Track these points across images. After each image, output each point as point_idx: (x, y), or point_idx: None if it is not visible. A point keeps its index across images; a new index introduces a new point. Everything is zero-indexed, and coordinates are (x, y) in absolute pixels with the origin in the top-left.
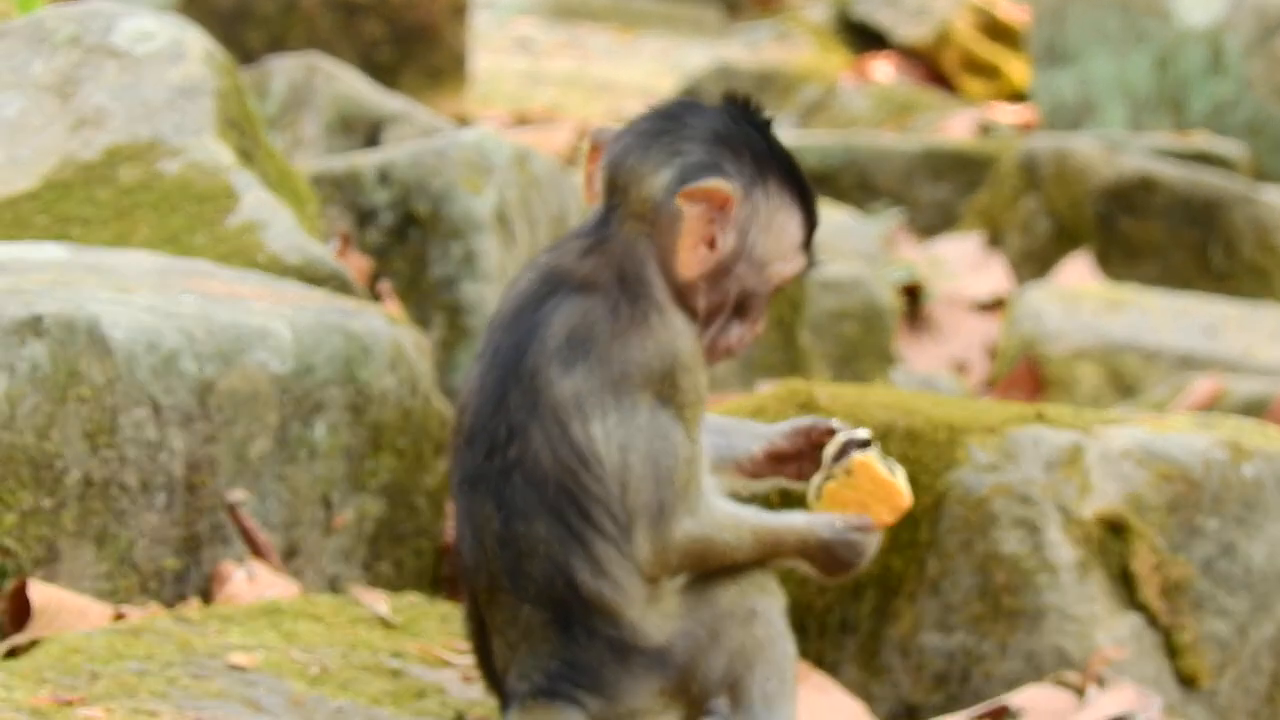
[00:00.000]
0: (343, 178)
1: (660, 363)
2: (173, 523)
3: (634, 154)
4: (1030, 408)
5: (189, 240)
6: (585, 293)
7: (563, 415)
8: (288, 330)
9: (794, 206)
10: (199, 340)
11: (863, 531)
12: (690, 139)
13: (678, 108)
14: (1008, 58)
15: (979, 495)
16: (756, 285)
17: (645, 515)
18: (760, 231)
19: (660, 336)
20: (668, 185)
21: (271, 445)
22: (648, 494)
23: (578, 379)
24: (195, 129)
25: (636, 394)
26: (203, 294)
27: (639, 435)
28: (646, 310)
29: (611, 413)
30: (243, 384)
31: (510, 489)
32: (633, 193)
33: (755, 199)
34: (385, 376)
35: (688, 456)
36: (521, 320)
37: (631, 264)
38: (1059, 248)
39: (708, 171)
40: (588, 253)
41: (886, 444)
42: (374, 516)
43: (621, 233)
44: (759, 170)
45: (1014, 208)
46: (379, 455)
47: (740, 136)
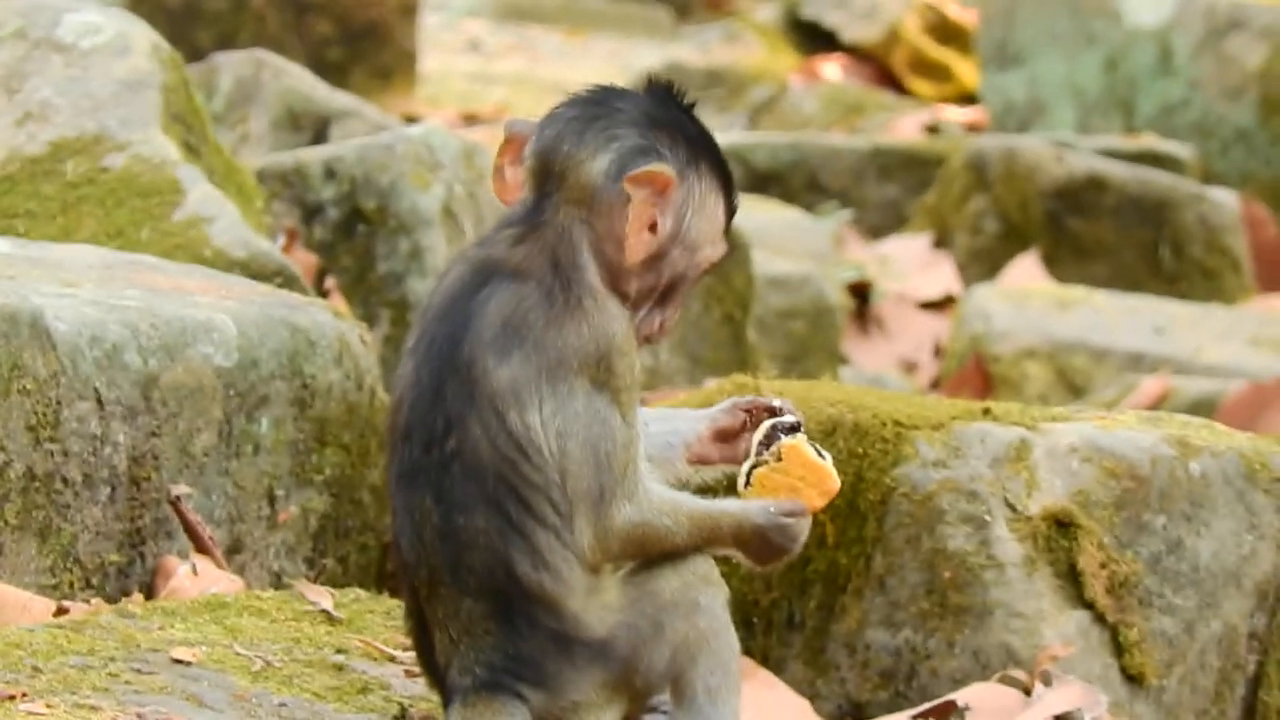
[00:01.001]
0: (289, 173)
1: (596, 348)
2: (116, 517)
3: (568, 140)
4: (977, 404)
5: (134, 234)
6: (518, 280)
7: (500, 405)
8: (232, 324)
9: (720, 190)
10: (143, 334)
11: (795, 516)
12: (624, 123)
13: (604, 94)
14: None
15: (926, 491)
16: (687, 269)
17: (585, 502)
18: (694, 215)
19: (595, 321)
20: (607, 170)
21: (216, 439)
22: (587, 480)
23: (514, 367)
24: (141, 123)
25: (572, 380)
26: (147, 288)
27: (576, 422)
28: (581, 295)
29: (548, 400)
30: (187, 378)
31: (449, 482)
32: (570, 178)
33: (690, 182)
34: (331, 371)
35: (625, 441)
36: (455, 311)
37: (566, 250)
38: (1008, 248)
39: (646, 155)
40: (519, 241)
41: (833, 439)
42: (319, 511)
43: (556, 219)
44: (691, 153)
45: (963, 208)
46: (324, 450)
47: (671, 120)
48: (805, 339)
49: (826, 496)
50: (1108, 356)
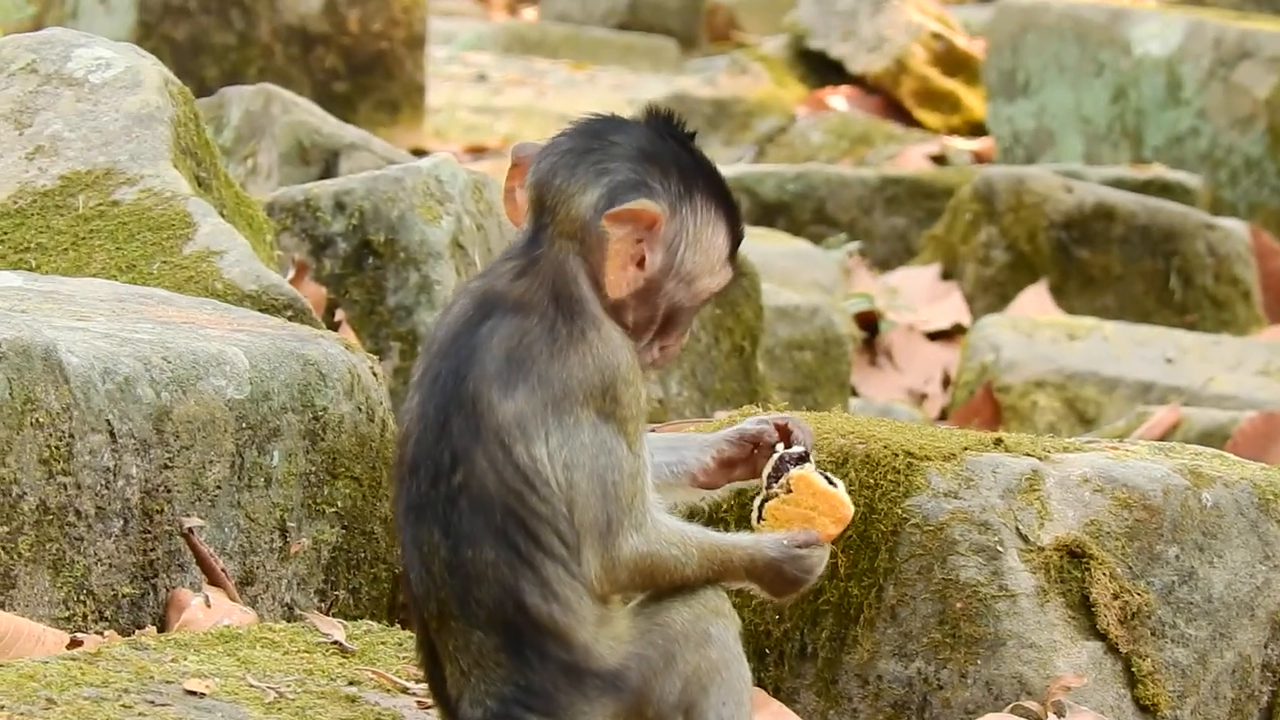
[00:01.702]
0: (299, 206)
1: (600, 378)
2: (129, 549)
3: (561, 173)
4: (989, 434)
5: (145, 268)
6: (521, 313)
7: (506, 438)
8: (244, 357)
9: (720, 221)
10: (155, 367)
11: (809, 546)
12: (617, 157)
13: (602, 125)
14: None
15: (938, 522)
16: (685, 300)
17: (593, 533)
18: (688, 248)
19: (599, 352)
20: (595, 204)
21: (228, 472)
22: (594, 511)
23: (519, 401)
24: (151, 157)
25: (578, 411)
26: (159, 321)
27: (583, 453)
28: (584, 327)
29: (554, 433)
30: (199, 410)
31: (456, 515)
32: (561, 212)
33: (683, 216)
34: (342, 403)
35: (632, 471)
36: (459, 345)
37: (564, 282)
38: (1016, 278)
39: (635, 190)
40: (520, 274)
41: (844, 470)
42: (330, 543)
43: (552, 252)
44: (685, 186)
45: (971, 238)
46: (335, 482)
47: (666, 153)
48: (814, 370)
49: (841, 524)
50: (1118, 387)
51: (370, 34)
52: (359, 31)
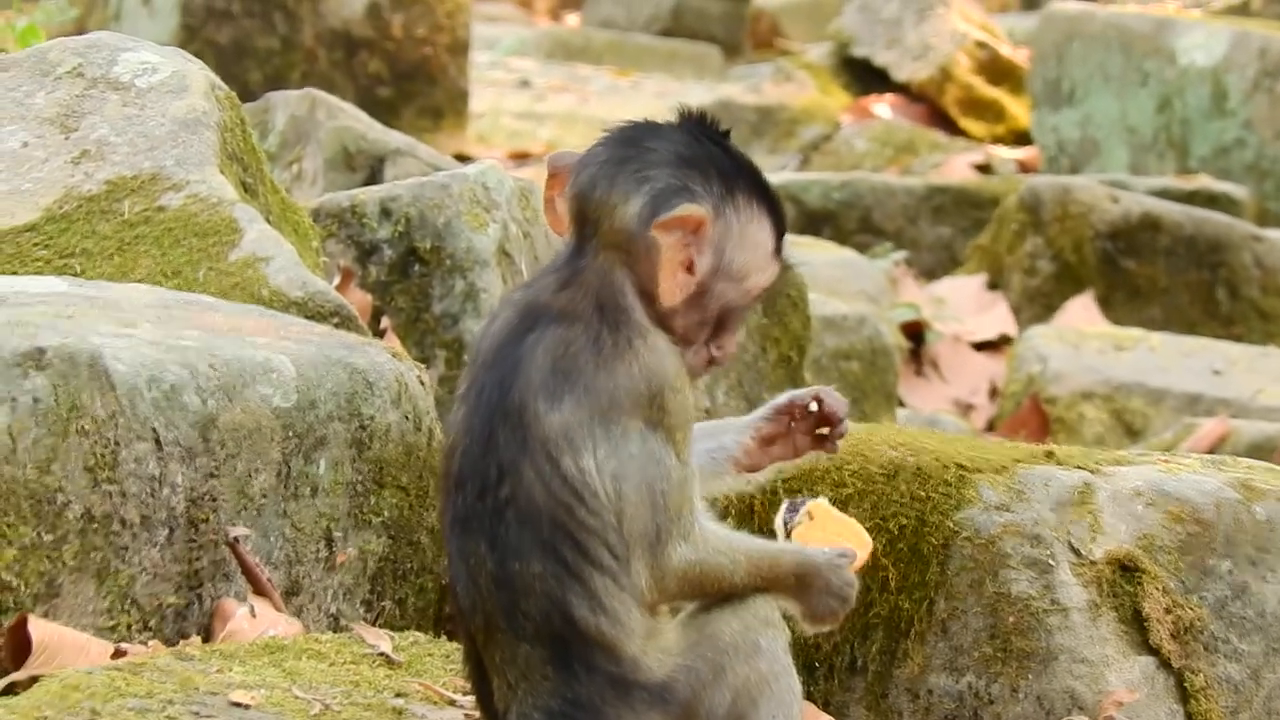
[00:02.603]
0: (345, 212)
1: (648, 387)
2: (174, 559)
3: (601, 184)
4: (1040, 447)
5: (191, 274)
6: (566, 324)
7: (553, 450)
8: (290, 365)
9: (764, 216)
10: (201, 374)
11: (848, 559)
12: (655, 164)
13: (637, 132)
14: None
15: (989, 535)
16: (736, 299)
17: (642, 543)
18: (735, 247)
19: (646, 360)
20: (639, 214)
21: (274, 481)
22: (643, 522)
23: (566, 412)
24: (198, 162)
25: (626, 421)
26: (205, 328)
27: (631, 464)
28: (630, 336)
29: (602, 444)
30: (245, 419)
31: (503, 528)
32: (605, 224)
33: (726, 216)
34: (388, 412)
35: (680, 480)
36: (503, 357)
37: (609, 293)
38: (1062, 289)
39: (678, 196)
40: (563, 285)
41: (895, 483)
42: (377, 553)
43: (596, 264)
44: (726, 186)
45: (1017, 248)
46: (382, 491)
47: (703, 154)
48: (861, 380)
49: (865, 549)
50: (1165, 398)
51: (414, 39)
52: (402, 37)
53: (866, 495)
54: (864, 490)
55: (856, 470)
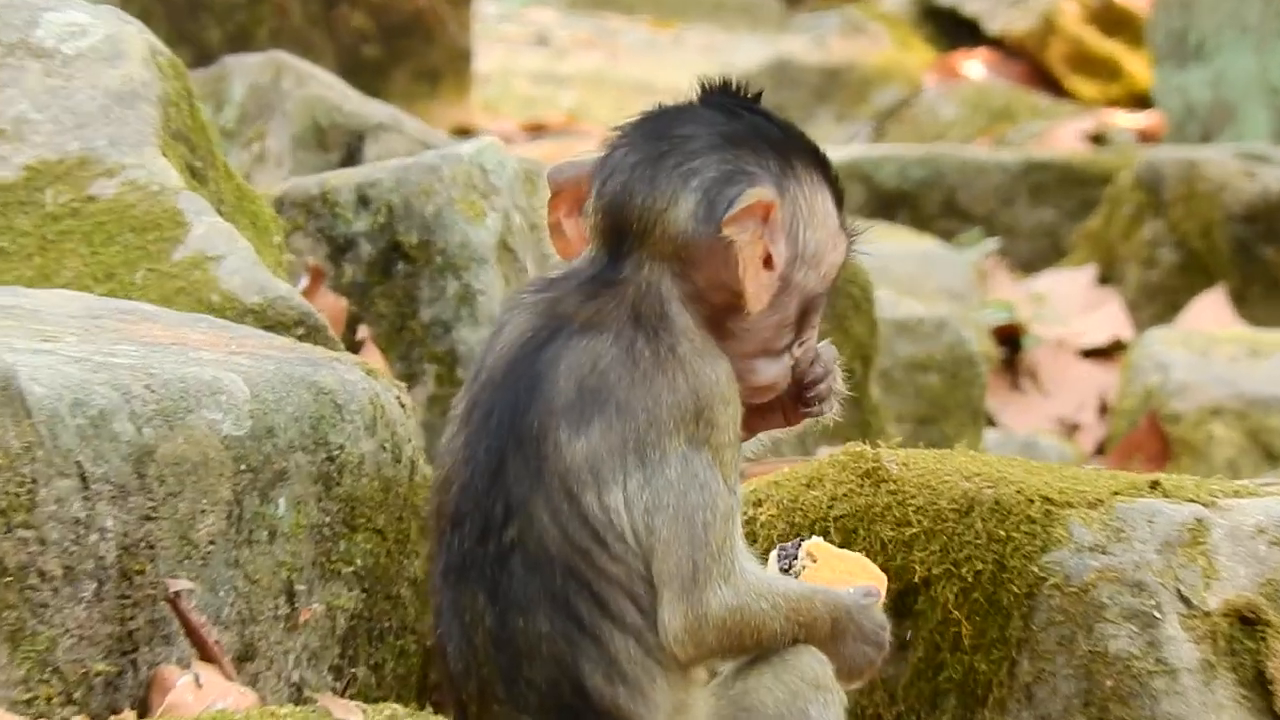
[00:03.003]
0: (314, 200)
1: (695, 399)
2: (103, 618)
3: (639, 190)
4: (1144, 476)
5: (127, 277)
6: (592, 334)
7: (574, 485)
8: (244, 385)
9: (822, 184)
10: (136, 397)
11: (873, 598)
12: (697, 152)
13: (660, 122)
14: (1126, 53)
15: (1082, 582)
16: (816, 286)
17: (675, 583)
18: (807, 226)
19: (692, 368)
20: (694, 213)
21: (223, 524)
22: (679, 559)
23: (593, 438)
24: (135, 142)
25: (666, 443)
26: (142, 342)
27: (669, 492)
28: (671, 343)
29: (635, 474)
30: (189, 450)
31: (507, 577)
32: (654, 233)
33: (791, 193)
34: (362, 441)
35: (726, 511)
36: (516, 374)
37: (651, 304)
38: (1188, 283)
39: (732, 183)
40: (592, 297)
41: (968, 520)
42: (348, 610)
43: (639, 276)
44: (782, 159)
45: (1133, 235)
46: (354, 536)
47: (747, 128)
48: (941, 396)
49: (882, 585)
50: None
51: None
52: None
53: (935, 535)
54: (932, 529)
55: (922, 506)
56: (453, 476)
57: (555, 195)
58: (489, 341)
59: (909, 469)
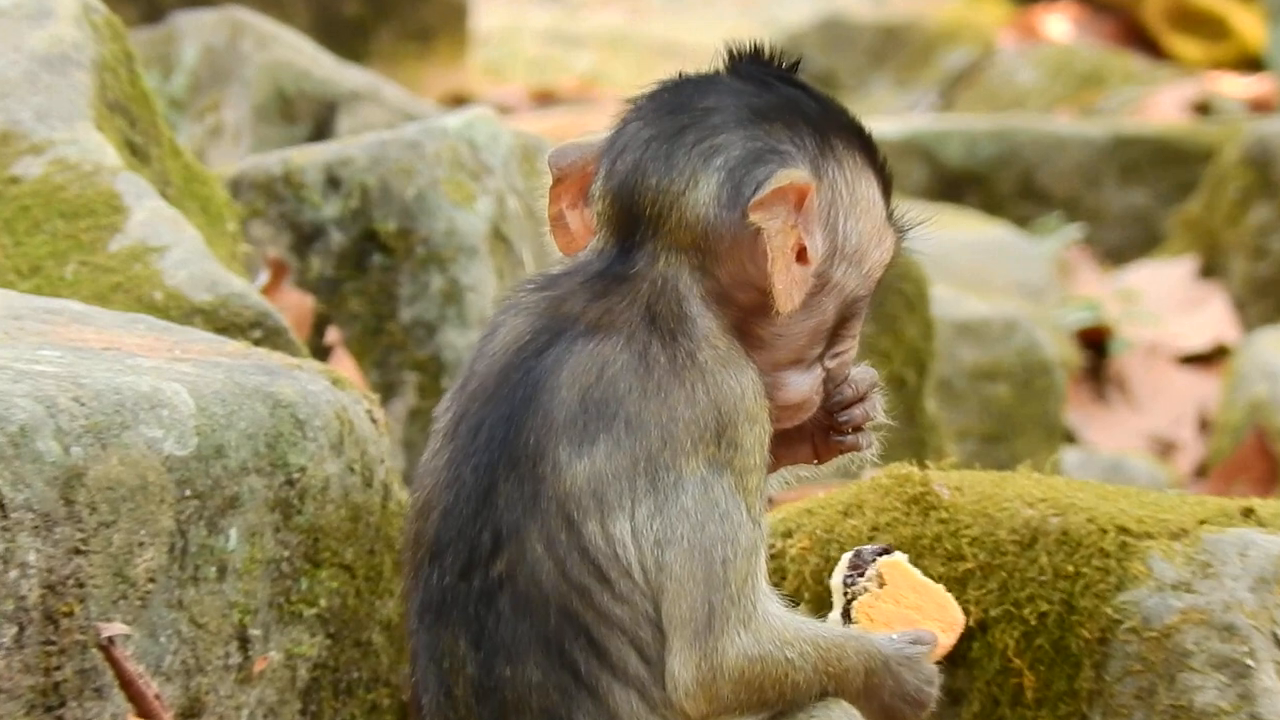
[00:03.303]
0: (277, 182)
1: (717, 415)
2: (25, 667)
3: (653, 169)
4: (1236, 502)
5: (55, 270)
6: (600, 337)
7: (574, 512)
8: (189, 397)
9: (868, 168)
10: (64, 411)
11: (924, 646)
12: (721, 127)
13: (681, 93)
14: (1237, 8)
15: (1163, 625)
16: (858, 287)
17: (688, 628)
18: (847, 215)
19: (715, 379)
20: (716, 197)
21: (164, 558)
22: (692, 600)
23: (598, 458)
24: (66, 115)
25: (682, 464)
26: (71, 346)
27: (683, 522)
28: (691, 349)
29: (645, 500)
30: (125, 473)
31: (493, 618)
32: (670, 219)
33: (830, 176)
34: (327, 461)
35: (749, 546)
36: (511, 383)
37: (668, 301)
38: None
39: (764, 163)
40: (601, 295)
41: (1032, 553)
42: (310, 658)
43: (654, 271)
44: (820, 137)
45: (1240, 220)
46: (317, 572)
47: (781, 101)
48: (1011, 409)
49: (953, 630)
50: None
51: None
52: None
53: (993, 572)
54: (990, 564)
55: (978, 537)
56: (433, 500)
57: (557, 183)
58: (479, 346)
59: (963, 494)
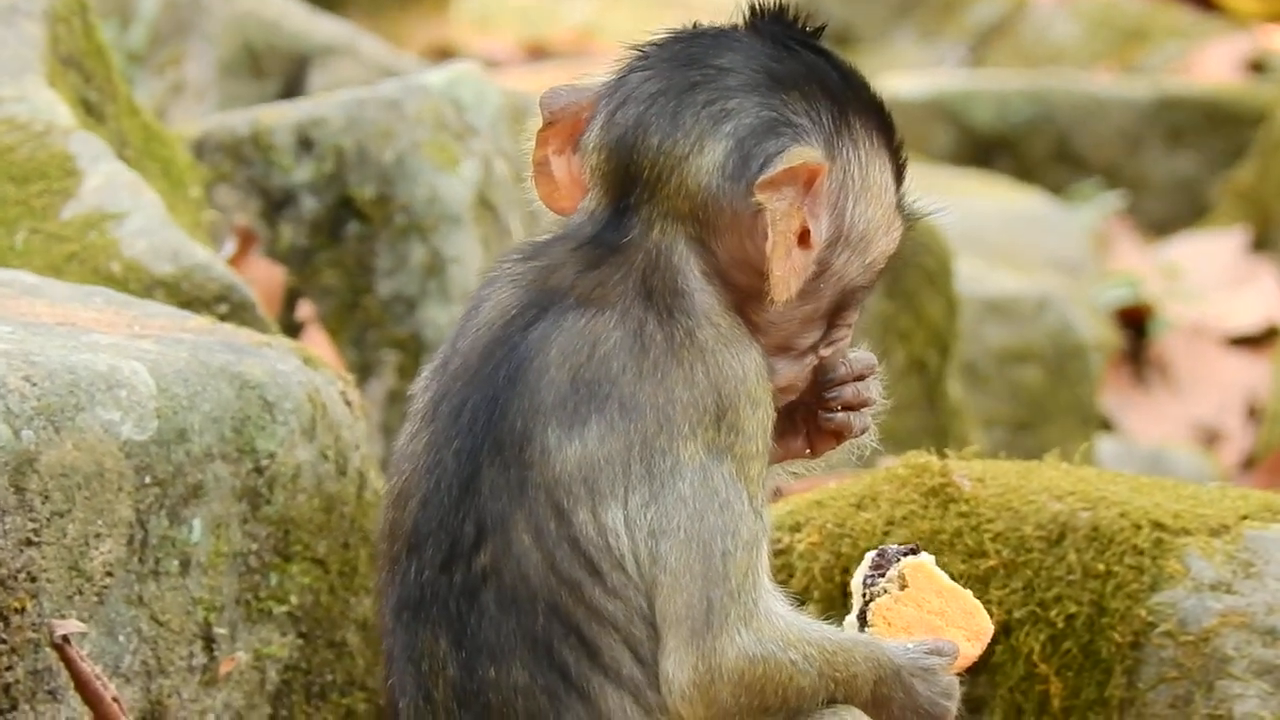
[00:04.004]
0: (244, 144)
1: (716, 396)
2: None
3: (656, 127)
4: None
5: (3, 239)
6: (591, 312)
7: (563, 500)
8: (149, 377)
9: (883, 150)
10: (13, 392)
11: (944, 657)
12: (735, 89)
13: (695, 45)
14: None
15: (1200, 628)
16: (858, 276)
17: (685, 626)
18: (857, 201)
19: (715, 358)
20: (722, 166)
21: (123, 551)
22: (689, 595)
23: (589, 442)
24: (15, 70)
25: (679, 449)
26: (21, 321)
27: (680, 510)
28: (691, 326)
29: (639, 487)
30: (80, 458)
31: (476, 616)
32: (669, 184)
33: (844, 156)
34: (298, 448)
35: (750, 537)
36: (495, 361)
37: (664, 275)
38: None
39: (776, 135)
40: (591, 265)
41: (1059, 550)
42: (281, 660)
43: (648, 241)
44: (837, 113)
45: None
46: (288, 566)
47: (801, 68)
48: (1042, 394)
49: (980, 639)
50: None
51: None
52: None
53: (1017, 569)
54: (1013, 562)
55: (1001, 532)
56: (411, 488)
57: (547, 125)
58: (462, 322)
59: (985, 486)
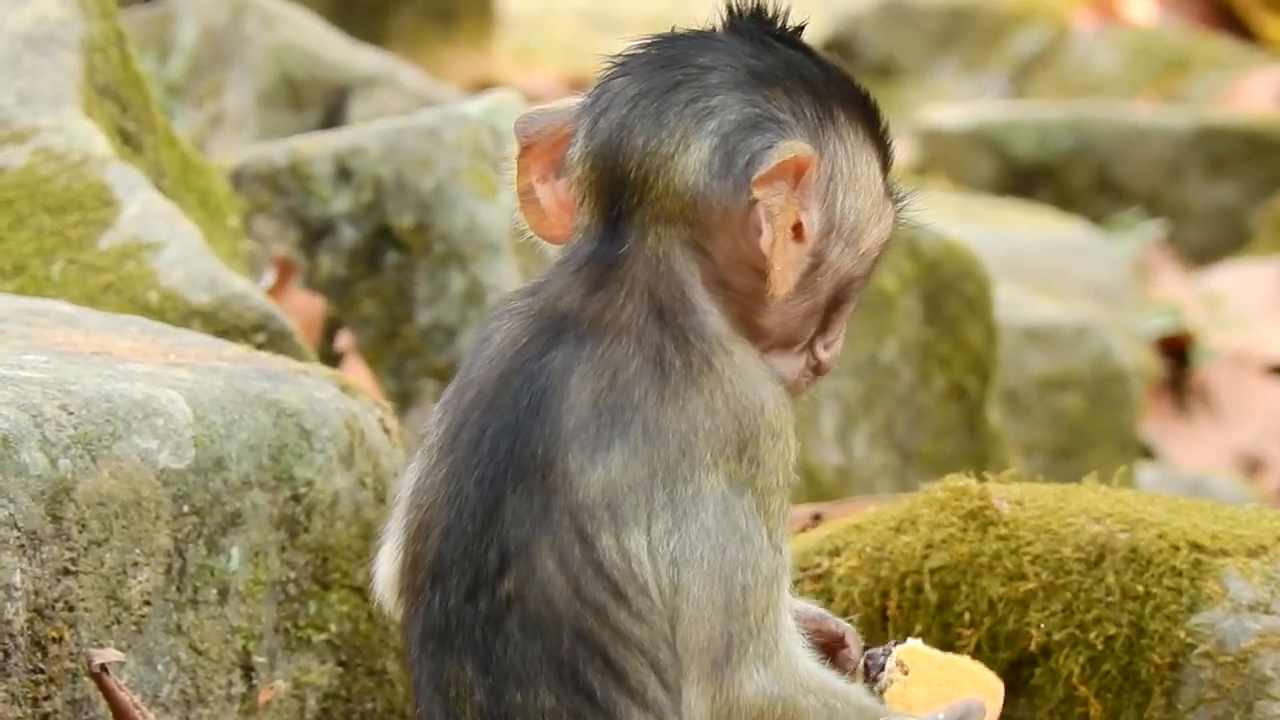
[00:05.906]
0: (283, 174)
1: (738, 426)
2: (11, 697)
3: (640, 129)
4: None
5: (40, 269)
6: (607, 339)
7: (587, 524)
8: (185, 405)
9: (868, 140)
10: (50, 421)
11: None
12: (717, 87)
13: (673, 48)
14: None
15: (1241, 649)
16: (853, 268)
17: (705, 658)
18: (847, 191)
19: (734, 388)
20: (708, 164)
21: (161, 579)
22: (709, 628)
23: (613, 468)
24: (52, 100)
25: (701, 479)
26: (58, 350)
27: (703, 542)
28: (707, 353)
29: (663, 513)
30: (117, 487)
31: (502, 642)
32: (656, 186)
33: (831, 148)
34: (336, 475)
35: (770, 573)
36: (513, 387)
37: (670, 288)
38: None
39: (761, 131)
40: (596, 285)
41: (1098, 572)
42: (320, 688)
43: (644, 248)
44: (822, 105)
45: None
46: (326, 595)
47: (782, 64)
48: (1083, 422)
49: (995, 696)
50: None
51: None
52: None
53: (1056, 592)
54: (1052, 584)
55: (1040, 555)
56: (433, 519)
57: (524, 152)
58: (473, 353)
59: (1024, 508)
